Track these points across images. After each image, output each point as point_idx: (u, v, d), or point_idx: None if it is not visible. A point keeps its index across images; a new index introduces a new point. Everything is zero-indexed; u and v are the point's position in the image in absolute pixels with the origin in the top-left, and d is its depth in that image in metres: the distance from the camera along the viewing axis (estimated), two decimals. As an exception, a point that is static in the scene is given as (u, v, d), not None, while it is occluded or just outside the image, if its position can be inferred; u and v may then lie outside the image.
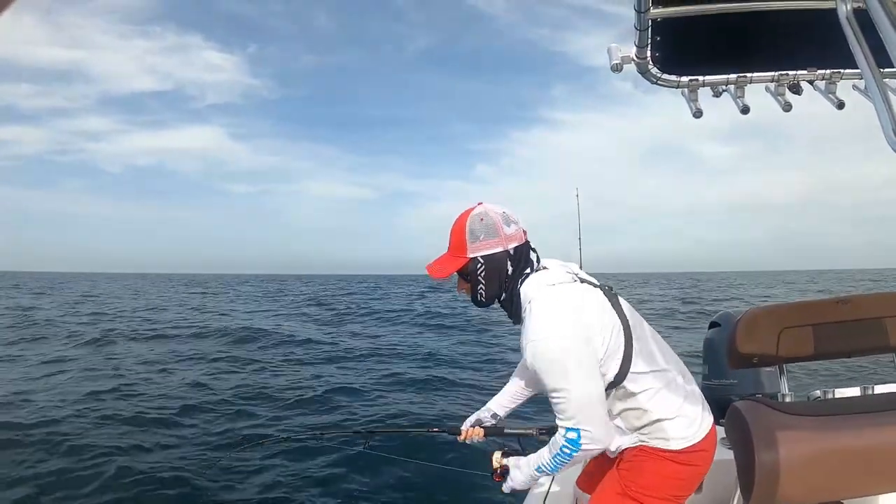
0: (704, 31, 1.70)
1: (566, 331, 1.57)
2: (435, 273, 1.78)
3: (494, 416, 2.21)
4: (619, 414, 1.71)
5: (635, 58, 1.77)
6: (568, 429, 1.59)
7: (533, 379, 2.05)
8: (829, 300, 2.24)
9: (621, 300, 1.76)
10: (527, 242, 1.79)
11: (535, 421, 2.29)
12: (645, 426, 1.68)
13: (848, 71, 1.88)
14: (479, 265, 1.74)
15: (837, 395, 2.42)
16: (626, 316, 1.69)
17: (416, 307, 25.57)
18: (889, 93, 1.17)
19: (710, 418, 1.75)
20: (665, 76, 1.88)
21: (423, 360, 11.52)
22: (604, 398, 1.60)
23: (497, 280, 1.75)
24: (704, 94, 1.99)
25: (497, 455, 2.00)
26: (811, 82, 1.96)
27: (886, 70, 1.20)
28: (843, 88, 1.94)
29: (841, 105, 1.90)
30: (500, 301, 1.79)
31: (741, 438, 1.82)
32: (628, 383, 1.64)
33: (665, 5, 1.55)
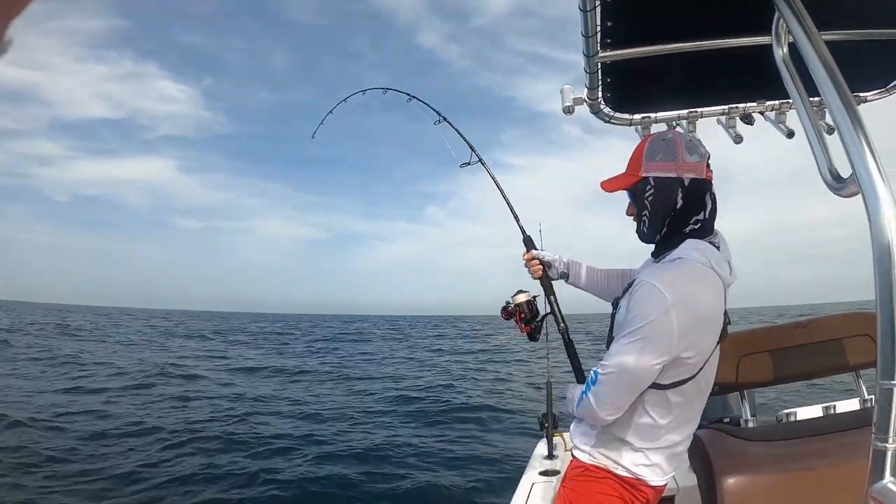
0: (653, 71, 1.76)
1: (683, 310, 1.40)
2: (605, 186, 1.63)
3: (563, 274, 2.06)
4: (626, 415, 1.58)
5: (587, 99, 1.82)
6: (595, 371, 1.53)
7: (599, 287, 1.98)
8: (787, 325, 2.29)
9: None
10: (707, 181, 1.55)
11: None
12: (612, 438, 1.60)
13: None
14: (649, 187, 1.56)
15: (801, 416, 2.46)
16: (714, 352, 1.54)
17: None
18: (823, 133, 1.22)
19: (667, 477, 1.63)
20: (618, 115, 1.93)
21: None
22: (638, 383, 1.47)
23: (663, 209, 1.55)
24: (658, 128, 2.04)
25: (522, 297, 2.02)
26: (762, 113, 2.03)
27: (815, 99, 1.23)
28: (793, 117, 2.00)
29: (791, 134, 1.96)
30: (660, 237, 1.61)
31: (703, 467, 1.85)
32: (652, 393, 1.52)
33: (612, 49, 1.60)
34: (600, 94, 1.81)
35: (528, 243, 2.13)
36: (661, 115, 2.00)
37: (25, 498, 5.24)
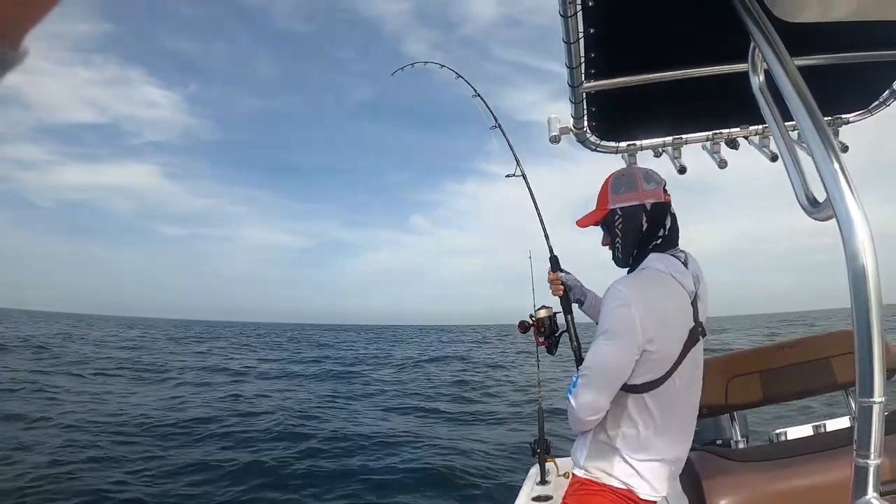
0: (637, 99, 1.81)
1: (642, 304, 1.55)
2: (580, 223, 1.82)
3: (580, 300, 2.17)
4: (610, 418, 1.67)
5: (573, 128, 1.87)
6: (577, 375, 1.64)
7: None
8: (775, 345, 2.31)
9: (698, 348, 1.70)
10: (666, 203, 1.76)
11: None
12: (604, 444, 1.66)
13: None
14: (618, 216, 1.76)
15: (791, 436, 2.47)
16: (686, 357, 1.64)
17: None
18: (799, 159, 1.26)
19: (659, 494, 1.67)
20: (604, 143, 1.98)
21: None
22: (614, 375, 1.58)
23: (632, 234, 1.75)
24: (644, 155, 2.09)
25: (543, 312, 2.10)
26: (746, 138, 2.08)
27: (790, 124, 1.27)
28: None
29: (774, 157, 2.01)
30: (633, 259, 1.77)
31: (694, 489, 1.85)
32: (632, 401, 1.62)
33: (596, 79, 1.65)
34: (586, 123, 1.85)
35: (554, 263, 2.24)
36: (646, 142, 2.05)
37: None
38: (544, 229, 2.33)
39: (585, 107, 1.75)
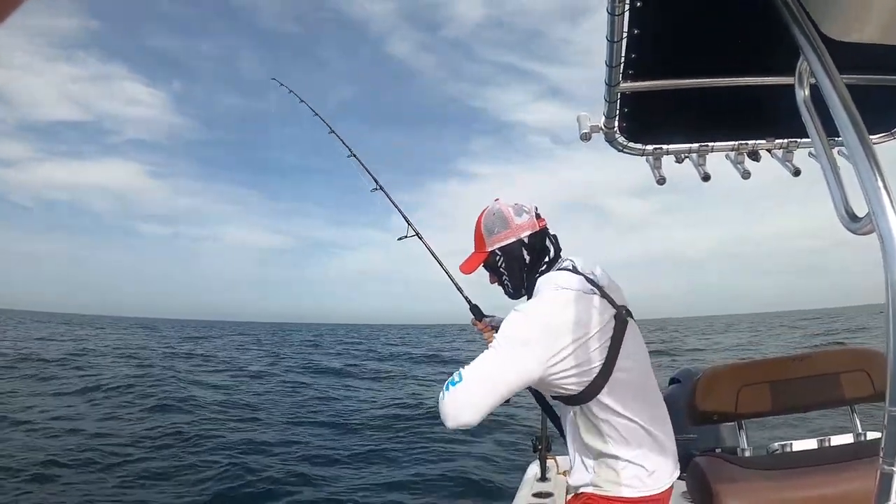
0: (670, 103, 1.80)
1: (536, 324, 1.56)
2: (463, 269, 1.87)
3: None
4: (584, 433, 1.67)
5: (604, 127, 1.86)
6: (459, 372, 1.57)
7: None
8: (786, 358, 2.33)
9: (631, 330, 1.69)
10: (542, 230, 1.82)
11: None
12: (602, 455, 1.64)
13: (804, 140, 2.00)
14: (498, 257, 1.81)
15: (796, 448, 2.49)
16: (620, 346, 1.63)
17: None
18: (840, 173, 1.26)
19: (673, 476, 1.68)
20: (631, 144, 1.98)
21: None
22: (493, 387, 1.53)
23: (518, 269, 1.80)
24: (667, 160, 2.09)
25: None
26: (769, 150, 2.08)
27: (835, 142, 1.28)
28: (800, 155, 2.06)
29: (797, 172, 2.01)
30: (525, 291, 1.82)
31: (702, 493, 1.87)
32: (595, 406, 1.61)
33: (633, 80, 1.65)
34: (616, 123, 1.85)
35: (476, 312, 2.27)
36: (672, 147, 2.04)
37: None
38: (455, 284, 2.39)
39: (618, 107, 1.75)
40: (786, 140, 2.04)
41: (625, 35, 1.40)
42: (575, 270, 1.74)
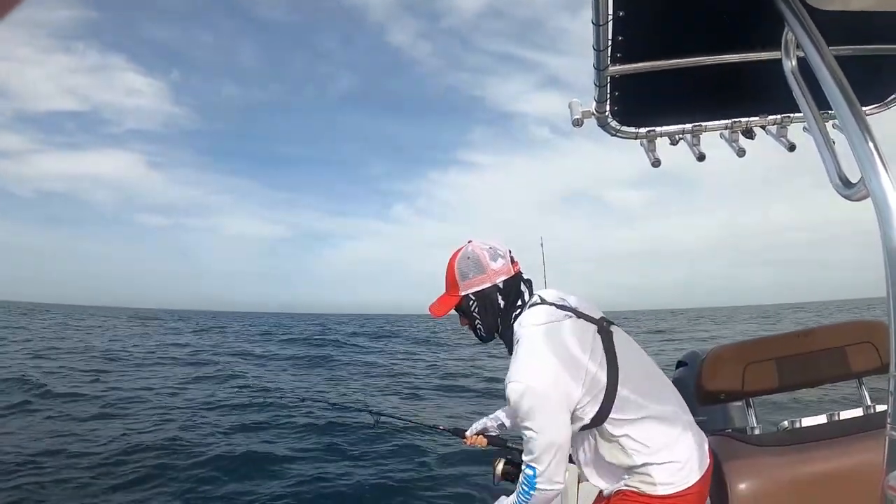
0: (661, 85, 1.80)
1: (543, 377, 1.59)
2: (434, 312, 1.83)
3: (501, 425, 2.24)
4: (605, 453, 1.69)
5: (595, 112, 1.86)
6: (527, 465, 1.64)
7: None
8: (791, 334, 2.32)
9: (619, 336, 1.75)
10: (517, 275, 1.82)
11: None
12: (631, 468, 1.65)
13: (797, 114, 1.99)
14: (472, 301, 1.78)
15: (805, 424, 2.48)
16: (616, 357, 1.68)
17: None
18: (832, 141, 1.27)
19: (704, 462, 1.69)
20: (624, 128, 1.97)
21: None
22: (566, 443, 1.62)
23: (492, 314, 1.78)
24: (661, 142, 2.09)
25: (499, 467, 2.11)
26: (763, 127, 2.07)
27: (828, 113, 1.29)
28: (795, 130, 2.05)
29: (792, 147, 2.01)
30: (499, 335, 1.83)
31: (713, 473, 1.86)
32: (609, 426, 1.63)
33: (622, 63, 1.64)
34: (608, 107, 1.85)
35: (457, 433, 2.41)
36: (665, 128, 2.04)
37: None
38: (433, 427, 2.60)
39: (609, 91, 1.75)
40: (779, 116, 2.03)
41: (610, 18, 1.40)
42: (544, 302, 1.77)
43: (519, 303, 1.79)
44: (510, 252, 1.84)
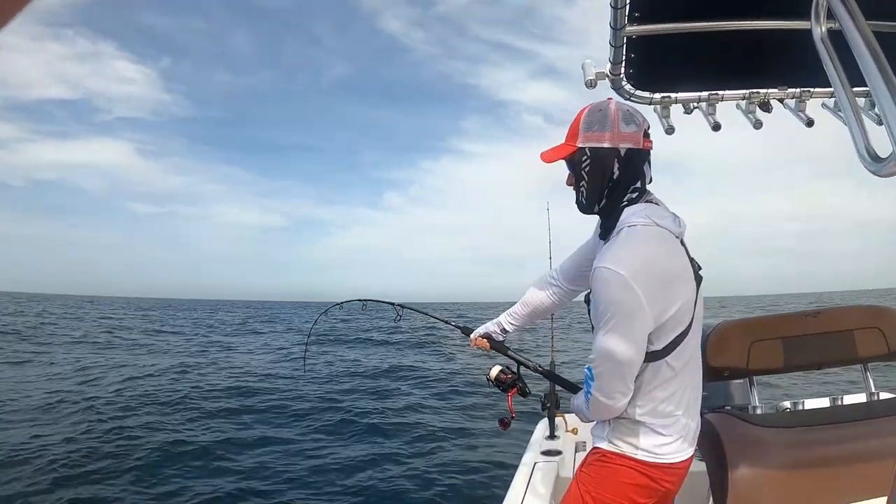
0: (678, 49, 1.72)
1: (643, 277, 1.41)
2: (544, 158, 1.63)
3: (503, 330, 2.18)
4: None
5: (609, 74, 1.79)
6: (588, 367, 1.55)
7: (547, 302, 2.05)
8: (798, 314, 2.27)
9: (701, 285, 1.59)
10: (646, 151, 1.58)
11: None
12: (624, 419, 1.58)
13: (818, 89, 1.91)
14: (585, 157, 1.58)
15: (808, 406, 2.46)
16: (697, 302, 1.55)
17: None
18: (861, 112, 1.20)
19: (691, 447, 1.62)
20: (638, 92, 1.90)
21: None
22: (633, 364, 1.47)
23: (600, 180, 1.58)
24: (676, 109, 2.01)
25: (494, 370, 2.12)
26: (781, 100, 1.99)
27: (858, 89, 1.23)
28: (812, 106, 1.97)
29: (810, 123, 1.93)
30: (599, 209, 1.64)
31: (714, 451, 1.84)
32: (657, 366, 1.52)
33: (640, 23, 1.56)
34: (623, 70, 1.77)
35: (465, 331, 2.31)
36: (681, 95, 1.97)
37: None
38: (445, 321, 2.56)
39: (625, 52, 1.67)
40: (798, 89, 1.95)
41: None
42: (661, 204, 1.60)
43: (637, 184, 1.58)
44: (647, 126, 1.60)
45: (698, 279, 1.56)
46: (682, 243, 1.57)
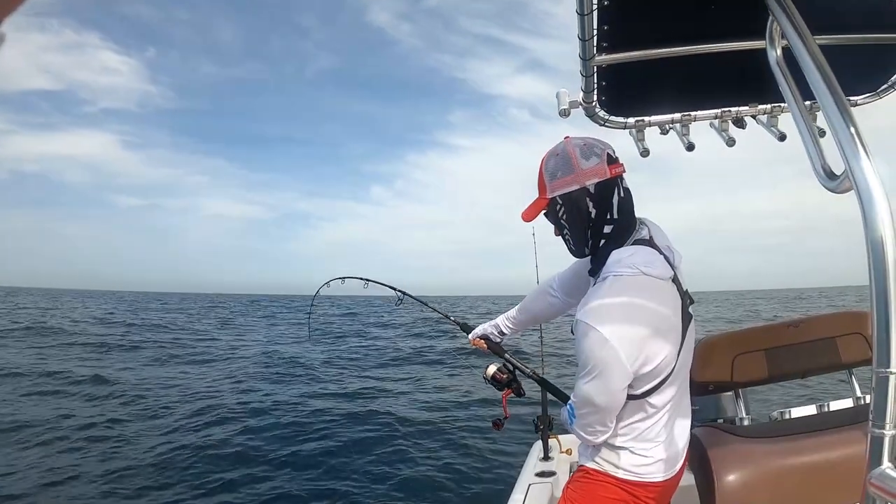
0: (648, 74, 1.78)
1: (621, 334, 1.40)
2: (524, 217, 1.63)
3: (501, 333, 2.21)
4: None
5: (582, 102, 1.84)
6: (570, 404, 1.59)
7: (544, 312, 2.12)
8: (780, 324, 2.32)
9: (691, 325, 1.57)
10: (614, 179, 1.53)
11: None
12: (607, 444, 1.61)
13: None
14: (559, 206, 1.57)
15: (794, 415, 2.48)
16: (683, 341, 1.53)
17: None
18: (815, 131, 1.26)
19: (674, 467, 1.63)
20: (612, 118, 1.96)
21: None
22: (612, 410, 1.50)
23: (580, 223, 1.56)
24: (652, 131, 2.07)
25: (491, 368, 2.18)
26: (754, 116, 2.06)
27: (814, 105, 1.27)
28: (784, 120, 2.03)
29: (783, 137, 1.99)
30: (590, 251, 1.61)
31: (701, 464, 1.86)
32: (638, 404, 1.53)
33: (608, 52, 1.62)
34: (595, 97, 1.83)
35: (465, 328, 2.38)
36: (654, 118, 2.02)
37: None
38: (447, 316, 2.59)
39: (596, 80, 1.73)
40: (769, 105, 2.01)
41: (594, 7, 1.38)
42: (651, 243, 1.54)
43: (614, 217, 1.55)
44: (610, 151, 1.57)
45: (687, 318, 1.54)
46: (676, 278, 1.55)
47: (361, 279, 2.87)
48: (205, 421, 8.42)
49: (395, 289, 2.81)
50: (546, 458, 3.11)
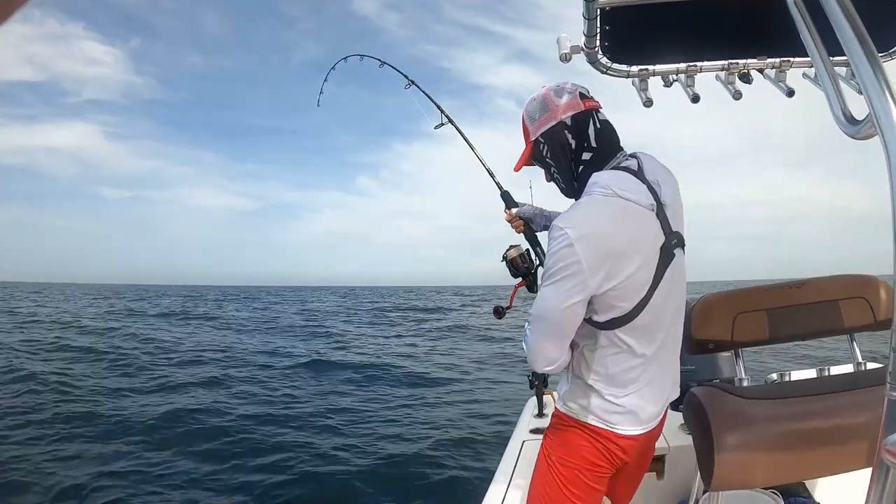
0: (654, 20, 1.69)
1: (586, 242, 1.39)
2: (516, 167, 1.69)
3: (544, 227, 2.02)
4: (575, 356, 1.61)
5: (584, 47, 1.75)
6: (528, 321, 1.54)
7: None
8: (783, 284, 2.27)
9: (676, 265, 1.54)
10: (588, 111, 1.59)
11: None
12: (577, 381, 1.59)
13: (798, 59, 1.88)
14: (542, 145, 1.62)
15: (794, 378, 2.46)
16: (660, 281, 1.50)
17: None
18: (838, 77, 1.19)
19: (652, 423, 1.64)
20: (615, 66, 1.86)
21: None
22: (562, 326, 1.48)
23: (564, 158, 1.61)
24: (655, 82, 1.98)
25: (513, 252, 1.99)
26: (761, 71, 1.97)
27: (836, 59, 1.21)
28: (793, 77, 1.95)
29: (791, 93, 1.91)
30: (579, 186, 1.59)
31: (699, 424, 1.83)
32: (603, 337, 1.51)
33: None
34: (598, 42, 1.74)
35: (507, 199, 2.15)
36: (659, 67, 1.93)
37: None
38: (487, 168, 2.30)
39: (599, 25, 1.63)
40: (778, 59, 1.93)
41: None
42: (639, 174, 1.54)
43: (594, 146, 1.58)
44: (583, 90, 1.63)
45: (667, 256, 1.51)
46: (661, 212, 1.51)
47: (378, 59, 2.83)
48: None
49: (406, 76, 2.68)
50: (540, 414, 3.11)
